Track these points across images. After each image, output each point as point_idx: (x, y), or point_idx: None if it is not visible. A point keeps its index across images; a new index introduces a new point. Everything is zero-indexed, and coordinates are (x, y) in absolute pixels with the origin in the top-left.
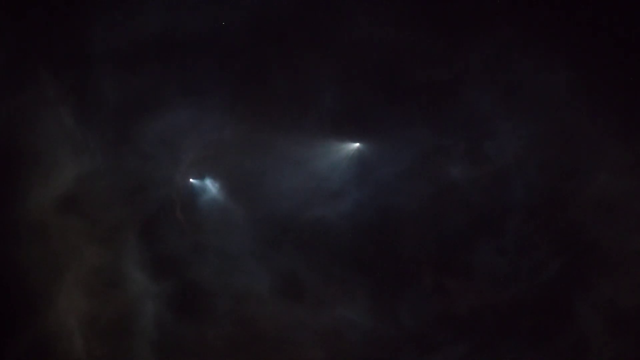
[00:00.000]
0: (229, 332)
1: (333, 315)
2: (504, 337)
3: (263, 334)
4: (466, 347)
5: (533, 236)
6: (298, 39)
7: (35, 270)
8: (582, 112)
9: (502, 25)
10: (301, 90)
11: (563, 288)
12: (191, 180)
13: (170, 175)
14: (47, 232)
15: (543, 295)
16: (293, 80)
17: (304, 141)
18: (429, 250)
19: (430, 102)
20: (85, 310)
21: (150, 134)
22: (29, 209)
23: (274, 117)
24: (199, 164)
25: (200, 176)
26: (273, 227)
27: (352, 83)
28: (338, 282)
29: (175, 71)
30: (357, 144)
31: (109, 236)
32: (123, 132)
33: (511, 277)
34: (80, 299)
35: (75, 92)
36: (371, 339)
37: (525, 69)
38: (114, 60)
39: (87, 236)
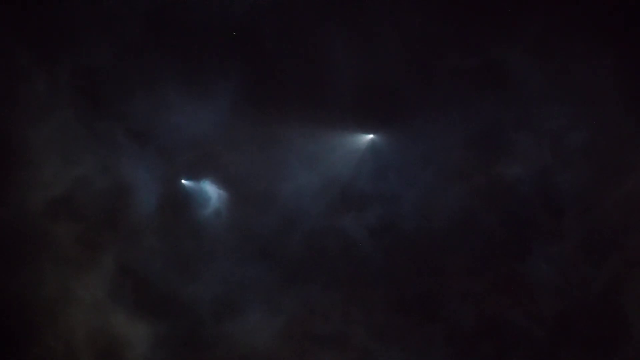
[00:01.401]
0: None
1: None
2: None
3: None
4: None
5: (585, 240)
6: (309, 17)
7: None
8: (630, 102)
9: (545, 8)
10: (315, 74)
11: (618, 298)
12: (183, 181)
13: (160, 175)
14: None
15: (597, 306)
16: (304, 62)
17: (320, 135)
18: (470, 263)
19: (464, 89)
20: (83, 325)
21: (137, 125)
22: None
23: (284, 106)
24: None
25: (196, 177)
26: (285, 245)
27: (375, 67)
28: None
29: (170, 55)
30: (372, 136)
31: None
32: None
33: (562, 288)
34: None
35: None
36: None
37: (569, 55)
38: (103, 47)
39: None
